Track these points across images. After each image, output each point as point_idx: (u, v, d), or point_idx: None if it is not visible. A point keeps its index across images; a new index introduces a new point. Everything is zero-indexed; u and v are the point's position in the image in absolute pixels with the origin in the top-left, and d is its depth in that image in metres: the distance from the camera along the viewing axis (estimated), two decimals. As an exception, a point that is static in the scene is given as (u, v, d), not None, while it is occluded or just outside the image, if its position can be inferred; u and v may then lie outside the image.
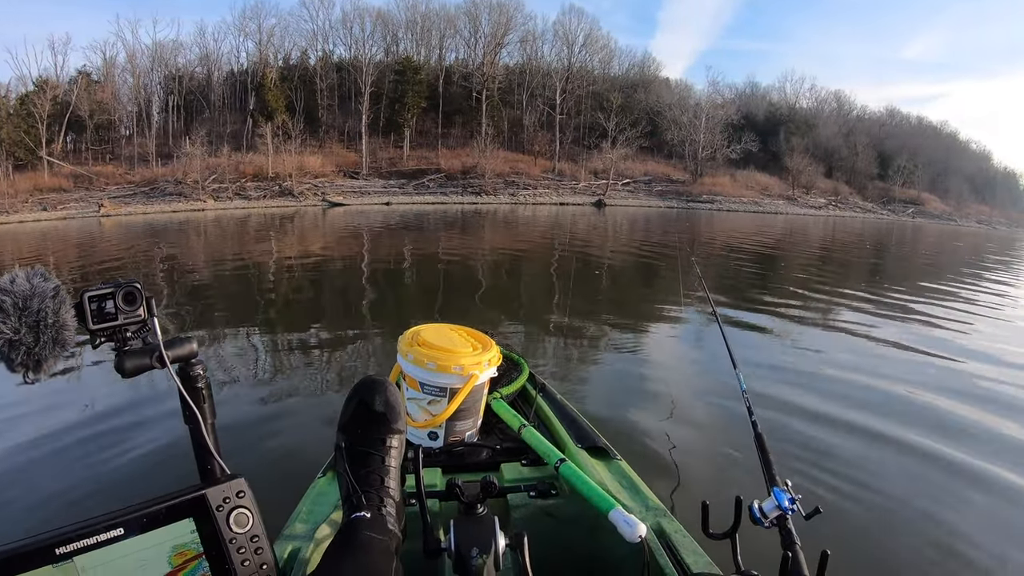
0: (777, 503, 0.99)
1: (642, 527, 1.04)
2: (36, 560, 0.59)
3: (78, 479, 2.46)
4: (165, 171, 34.39)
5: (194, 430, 0.82)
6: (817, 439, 2.87)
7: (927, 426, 3.12)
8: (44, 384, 0.74)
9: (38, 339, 0.66)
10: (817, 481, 2.46)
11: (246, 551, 0.70)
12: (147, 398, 3.33)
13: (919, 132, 50.10)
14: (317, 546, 1.10)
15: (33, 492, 2.37)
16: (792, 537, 0.96)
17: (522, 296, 7.31)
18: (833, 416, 3.19)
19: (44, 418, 3.11)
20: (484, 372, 1.59)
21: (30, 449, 2.76)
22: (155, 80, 38.27)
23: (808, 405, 3.34)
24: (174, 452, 2.48)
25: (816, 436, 2.91)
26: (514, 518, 1.30)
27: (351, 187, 36.31)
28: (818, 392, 3.59)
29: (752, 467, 1.15)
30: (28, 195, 31.93)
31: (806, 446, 2.78)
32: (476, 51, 42.28)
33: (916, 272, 12.19)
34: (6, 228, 23.59)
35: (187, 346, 0.81)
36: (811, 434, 2.93)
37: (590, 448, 1.55)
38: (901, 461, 2.70)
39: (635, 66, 46.55)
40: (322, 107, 39.13)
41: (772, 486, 1.03)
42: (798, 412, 3.21)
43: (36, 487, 2.41)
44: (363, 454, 0.87)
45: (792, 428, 2.97)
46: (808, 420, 3.11)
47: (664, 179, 41.97)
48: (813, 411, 3.25)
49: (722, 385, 3.51)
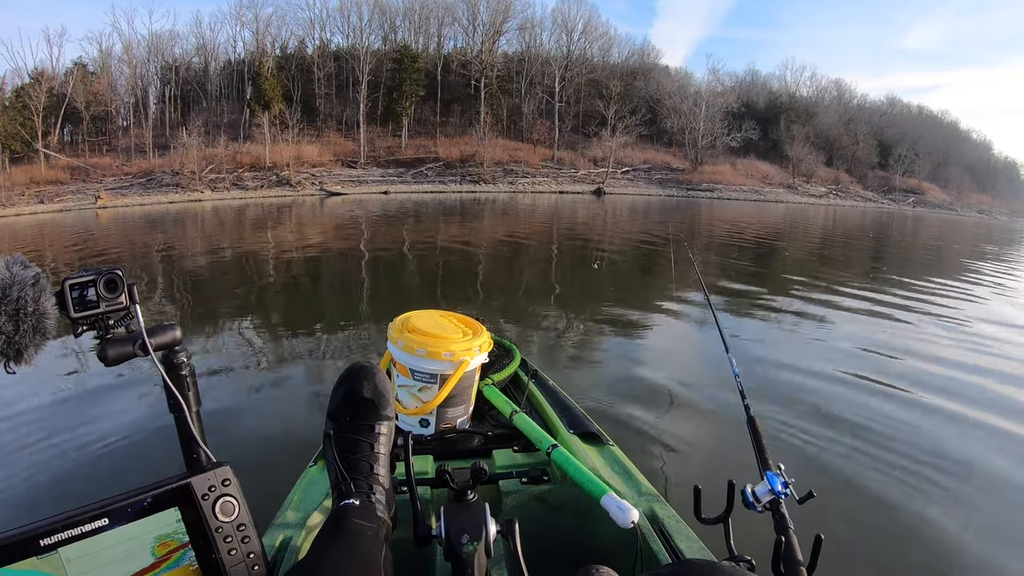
0: (770, 487, 0.98)
1: (634, 512, 1.04)
2: (20, 552, 0.58)
3: (61, 470, 2.44)
4: (162, 162, 34.26)
5: (179, 418, 0.82)
6: (811, 423, 2.87)
7: (921, 411, 3.13)
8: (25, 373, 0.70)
9: (18, 328, 0.64)
10: (811, 465, 2.45)
11: (232, 540, 0.69)
12: (131, 386, 3.30)
13: (920, 121, 49.86)
14: (308, 534, 1.10)
15: (15, 483, 2.34)
16: (785, 521, 0.95)
17: (517, 284, 7.31)
18: (827, 400, 3.19)
19: (26, 408, 3.08)
20: (475, 358, 1.57)
21: (11, 440, 2.73)
22: (152, 70, 38.02)
23: (802, 389, 3.34)
24: (159, 441, 2.47)
25: (810, 420, 2.91)
26: (506, 504, 1.30)
27: (349, 176, 36.18)
28: (812, 377, 3.60)
29: (745, 451, 1.15)
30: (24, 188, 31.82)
31: (800, 430, 2.78)
32: (475, 39, 41.95)
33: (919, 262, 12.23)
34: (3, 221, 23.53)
35: (170, 333, 0.80)
36: (805, 418, 2.93)
37: (582, 434, 1.55)
38: (896, 445, 2.70)
39: (635, 54, 46.26)
40: (319, 96, 38.87)
41: (765, 470, 1.03)
42: (791, 397, 3.22)
43: (18, 478, 2.38)
44: (352, 441, 0.87)
45: (785, 412, 2.97)
46: (801, 404, 3.11)
47: (664, 167, 41.79)
48: (806, 395, 3.26)
49: (715, 370, 3.53)
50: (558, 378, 2.15)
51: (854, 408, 3.10)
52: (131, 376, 3.40)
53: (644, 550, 1.05)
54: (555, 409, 1.70)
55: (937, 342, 4.67)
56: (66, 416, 2.97)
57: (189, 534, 0.67)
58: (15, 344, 0.65)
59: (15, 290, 0.64)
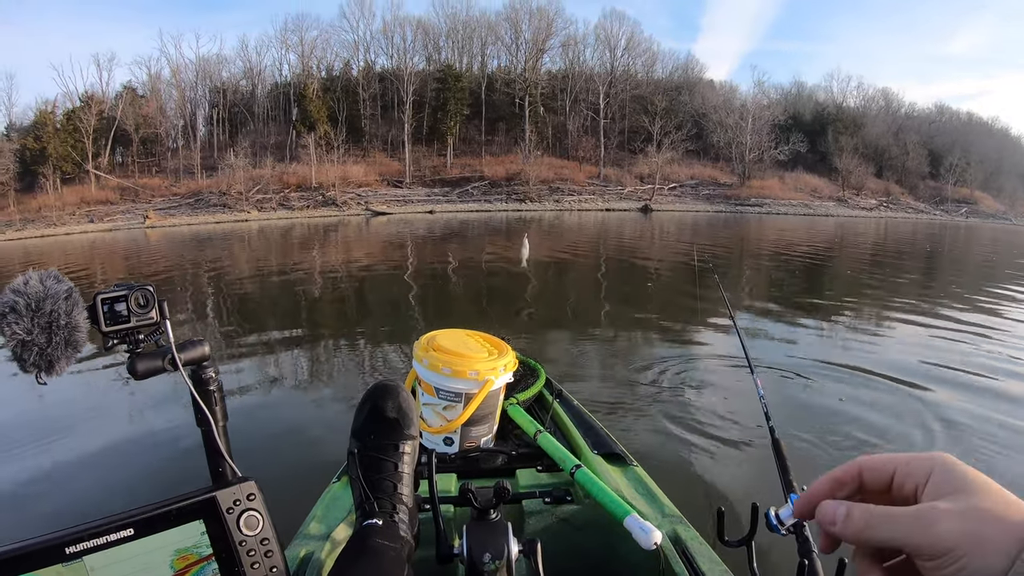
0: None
1: (657, 534, 1.03)
2: (46, 559, 0.58)
3: (88, 480, 2.49)
4: (210, 183, 34.41)
5: (206, 432, 0.82)
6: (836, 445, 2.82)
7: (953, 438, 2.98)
8: (56, 385, 0.73)
9: (50, 340, 0.66)
10: None
11: (256, 554, 0.69)
12: (159, 400, 3.35)
13: (969, 129, 48.42)
14: (330, 552, 1.09)
15: (43, 492, 2.39)
16: (809, 545, 0.96)
17: (551, 303, 7.27)
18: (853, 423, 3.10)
19: (55, 419, 3.17)
20: (500, 377, 1.56)
21: (41, 450, 2.80)
22: (200, 93, 38.55)
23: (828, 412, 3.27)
24: (185, 454, 2.52)
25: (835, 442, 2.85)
26: (529, 524, 1.28)
27: (394, 196, 35.95)
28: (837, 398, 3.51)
29: (770, 474, 1.15)
30: (75, 208, 32.17)
31: (825, 452, 2.74)
32: (518, 57, 41.99)
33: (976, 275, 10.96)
34: (54, 240, 24.56)
35: (199, 349, 0.81)
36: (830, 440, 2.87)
37: (606, 454, 1.52)
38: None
39: (679, 69, 45.72)
40: (365, 117, 39.04)
41: (789, 492, 1.04)
42: (817, 418, 3.16)
43: (46, 487, 2.43)
44: (376, 460, 0.86)
45: (810, 433, 2.92)
46: (827, 426, 3.04)
47: (711, 183, 40.94)
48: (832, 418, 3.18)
49: (740, 392, 3.54)
50: (582, 397, 2.25)
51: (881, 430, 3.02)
52: (158, 391, 3.41)
53: (667, 572, 1.04)
54: (579, 429, 1.68)
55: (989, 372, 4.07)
56: (93, 428, 3.04)
57: (213, 547, 0.66)
58: (47, 356, 0.66)
59: (48, 303, 0.66)
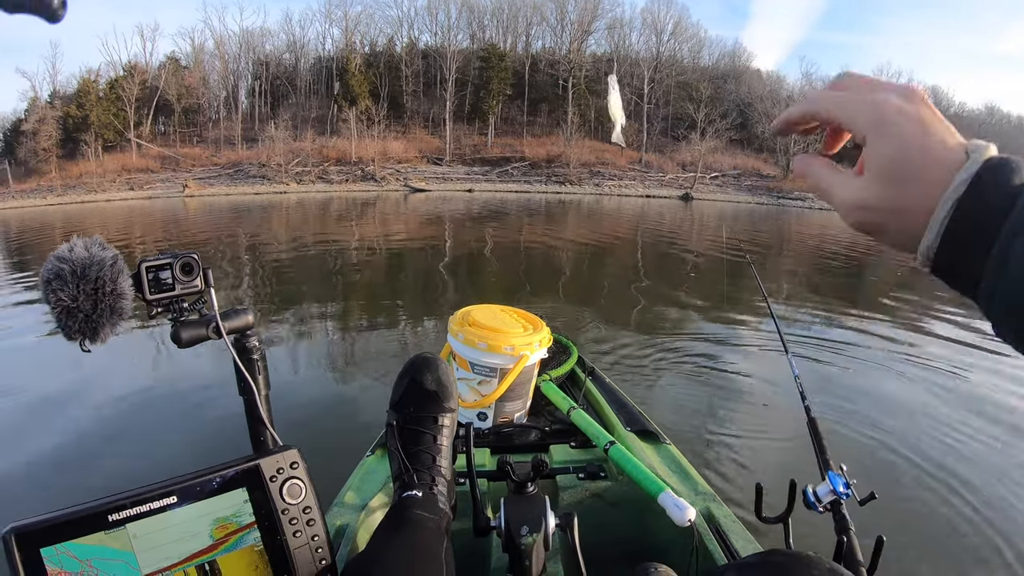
0: (832, 487, 0.97)
1: (691, 511, 1.02)
2: (89, 526, 0.59)
3: (131, 448, 2.50)
4: (250, 154, 34.14)
5: (248, 401, 0.83)
6: (874, 424, 2.77)
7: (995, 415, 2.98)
8: (99, 353, 0.72)
9: (96, 307, 0.65)
10: (873, 467, 2.39)
11: (298, 522, 0.69)
12: (201, 369, 3.33)
13: (1020, 132, 46.83)
14: (365, 521, 1.09)
15: (87, 460, 2.39)
16: (846, 522, 0.95)
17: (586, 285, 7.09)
18: (892, 401, 3.11)
19: (98, 387, 3.18)
20: (535, 353, 1.56)
21: (84, 417, 2.79)
22: (243, 65, 38.37)
23: (864, 390, 3.26)
24: (227, 423, 2.48)
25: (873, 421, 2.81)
26: (563, 499, 1.28)
27: (434, 173, 35.37)
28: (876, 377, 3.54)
29: (805, 453, 1.16)
30: (116, 175, 32.04)
31: (863, 433, 2.69)
32: (563, 38, 41.10)
33: None
34: (95, 206, 24.65)
35: (243, 318, 0.80)
36: (868, 419, 2.83)
37: (639, 432, 1.50)
38: (963, 448, 2.59)
39: (725, 56, 44.40)
40: (407, 93, 38.61)
41: (827, 470, 1.03)
42: (854, 397, 3.12)
43: (90, 455, 2.43)
44: (415, 432, 0.86)
45: (847, 413, 2.88)
46: (865, 405, 3.01)
47: (754, 173, 39.69)
48: (870, 396, 3.16)
49: (774, 371, 3.52)
50: (614, 375, 2.37)
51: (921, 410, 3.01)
52: (202, 358, 3.39)
53: (700, 549, 1.04)
54: (612, 406, 1.66)
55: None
56: (136, 396, 3.03)
57: (256, 515, 0.66)
58: (92, 322, 0.65)
59: (94, 270, 0.65)
